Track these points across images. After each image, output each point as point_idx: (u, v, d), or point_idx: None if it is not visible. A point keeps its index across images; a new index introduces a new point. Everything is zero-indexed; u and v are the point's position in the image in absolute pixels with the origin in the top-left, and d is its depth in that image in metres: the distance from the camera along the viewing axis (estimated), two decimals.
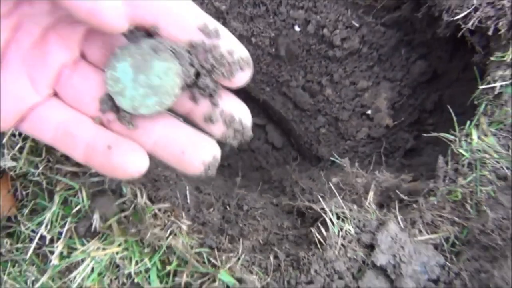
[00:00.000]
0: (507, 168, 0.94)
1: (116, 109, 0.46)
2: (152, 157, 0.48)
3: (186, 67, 0.44)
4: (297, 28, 1.43)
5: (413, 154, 1.50)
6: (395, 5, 1.31)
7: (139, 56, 0.43)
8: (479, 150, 0.98)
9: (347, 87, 1.50)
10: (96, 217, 0.94)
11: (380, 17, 1.37)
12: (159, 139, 0.46)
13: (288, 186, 1.34)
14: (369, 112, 1.49)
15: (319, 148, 1.57)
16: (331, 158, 1.23)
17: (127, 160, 0.44)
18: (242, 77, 0.46)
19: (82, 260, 0.95)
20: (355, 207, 0.98)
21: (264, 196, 1.27)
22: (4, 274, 0.98)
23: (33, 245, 0.96)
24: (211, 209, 1.07)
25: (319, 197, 1.00)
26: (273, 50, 1.47)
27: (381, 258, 0.87)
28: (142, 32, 0.45)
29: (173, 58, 0.43)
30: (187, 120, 0.51)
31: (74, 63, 0.46)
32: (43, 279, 0.96)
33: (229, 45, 0.45)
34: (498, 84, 0.96)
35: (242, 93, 1.70)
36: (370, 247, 0.91)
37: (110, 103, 0.46)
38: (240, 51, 0.45)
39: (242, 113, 0.48)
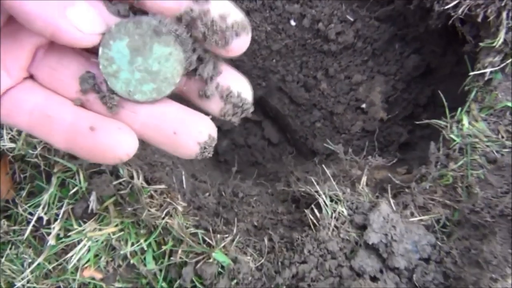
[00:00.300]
0: (497, 151, 0.96)
1: (99, 88, 0.42)
2: (142, 141, 0.44)
3: (189, 55, 0.41)
4: (292, 23, 1.46)
5: (407, 148, 1.52)
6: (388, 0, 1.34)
7: (137, 36, 0.39)
8: (470, 135, 1.00)
9: (342, 81, 1.52)
10: (93, 198, 0.95)
11: (374, 11, 1.40)
12: (147, 120, 0.42)
13: (283, 176, 1.35)
14: (363, 106, 1.51)
15: (314, 142, 1.58)
16: (325, 145, 1.24)
17: (114, 141, 0.40)
18: (239, 45, 0.41)
19: (78, 242, 0.96)
20: (348, 190, 1.00)
21: (259, 185, 1.29)
22: (1, 256, 0.99)
23: (30, 226, 0.97)
24: (207, 194, 1.08)
25: (313, 180, 1.01)
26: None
27: (373, 236, 0.88)
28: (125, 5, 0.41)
29: (176, 43, 0.40)
30: (179, 97, 0.47)
31: (49, 43, 0.42)
32: (39, 259, 0.97)
33: (221, 8, 0.40)
34: (488, 70, 0.98)
35: None
36: (363, 228, 0.93)
37: (91, 82, 0.42)
38: (235, 15, 0.40)
39: (240, 86, 0.43)
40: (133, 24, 0.39)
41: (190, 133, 0.41)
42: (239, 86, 0.43)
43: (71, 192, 0.97)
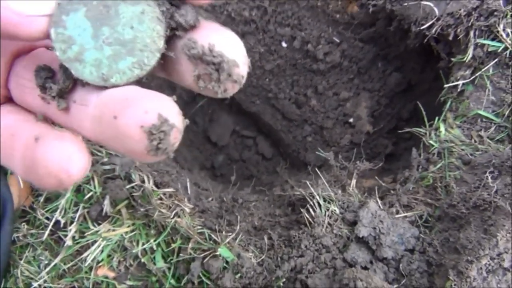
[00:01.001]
0: (471, 154, 1.08)
1: (56, 81, 0.33)
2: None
3: (167, 7, 0.31)
4: (284, 44, 1.59)
5: (393, 159, 1.63)
6: (370, 22, 1.48)
7: (95, 1, 0.30)
8: (447, 141, 1.12)
9: (330, 98, 1.64)
10: (106, 202, 1.04)
11: (358, 33, 1.53)
12: (95, 111, 0.31)
13: (278, 185, 1.45)
14: (351, 120, 1.63)
15: (306, 155, 1.69)
16: (317, 153, 1.35)
17: (53, 156, 0.30)
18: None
19: (93, 243, 1.04)
20: (339, 192, 1.10)
21: (257, 192, 1.38)
22: (20, 259, 1.06)
23: (49, 228, 1.05)
24: (210, 199, 1.17)
25: (308, 183, 1.11)
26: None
27: (363, 230, 0.98)
28: None
29: None
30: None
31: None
32: (56, 260, 1.04)
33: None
34: (460, 82, 1.11)
35: (234, 106, 1.82)
36: (353, 224, 1.03)
37: (44, 74, 0.33)
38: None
39: (224, 41, 0.30)
40: None
41: (132, 114, 0.28)
42: (222, 40, 0.30)
43: (86, 196, 1.05)
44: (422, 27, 1.17)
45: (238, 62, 0.30)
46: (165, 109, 0.28)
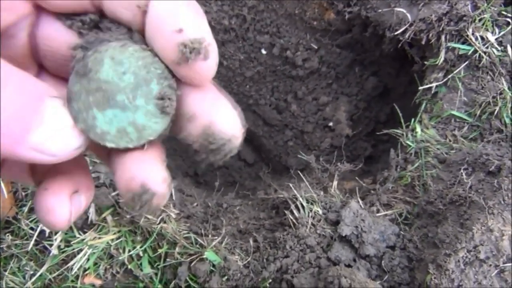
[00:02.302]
0: (446, 153, 1.12)
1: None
2: None
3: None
4: (263, 51, 1.62)
5: (372, 161, 1.68)
6: (347, 28, 1.52)
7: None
8: (423, 141, 1.16)
9: (310, 103, 1.68)
10: (92, 210, 1.04)
11: (335, 39, 1.57)
12: None
13: (262, 189, 1.47)
14: (330, 124, 1.67)
15: (288, 159, 1.72)
16: (299, 156, 1.38)
17: (46, 204, 0.32)
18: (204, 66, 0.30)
19: (78, 252, 1.04)
20: (322, 193, 1.13)
21: (241, 197, 1.40)
22: (5, 270, 1.05)
23: (33, 238, 1.04)
24: (195, 204, 1.19)
25: (291, 185, 1.14)
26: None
27: (345, 229, 1.01)
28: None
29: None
30: None
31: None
32: (42, 270, 1.04)
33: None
34: (434, 84, 1.16)
35: None
36: (336, 223, 1.05)
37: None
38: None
39: (223, 119, 0.31)
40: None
41: (119, 178, 0.30)
42: (214, 116, 0.30)
43: None
44: (396, 33, 1.22)
45: (235, 143, 0.32)
46: (150, 177, 0.30)
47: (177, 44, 0.28)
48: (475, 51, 1.11)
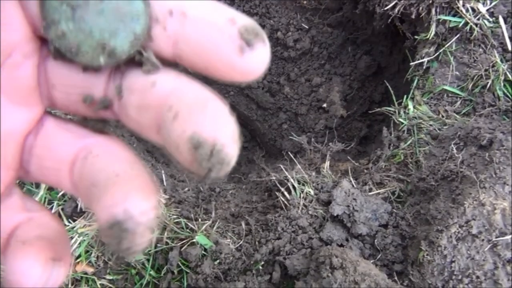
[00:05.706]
0: (439, 129, 1.10)
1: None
2: None
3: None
4: None
5: (367, 142, 1.66)
6: (337, 6, 1.49)
7: None
8: (415, 117, 1.14)
9: (303, 84, 1.65)
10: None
11: (326, 18, 1.55)
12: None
13: (255, 173, 1.46)
14: (324, 105, 1.65)
15: (282, 143, 1.70)
16: (292, 138, 1.36)
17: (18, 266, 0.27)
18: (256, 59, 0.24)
19: (70, 238, 1.04)
20: (313, 173, 1.12)
21: (234, 181, 1.39)
22: None
23: None
24: (186, 189, 1.18)
25: (282, 167, 1.12)
26: None
27: (337, 209, 0.99)
28: None
29: None
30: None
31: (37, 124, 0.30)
32: None
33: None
34: (425, 59, 1.13)
35: None
36: (328, 204, 1.04)
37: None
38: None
39: (217, 125, 0.24)
40: None
41: (102, 205, 0.25)
42: (208, 122, 0.24)
43: (60, 194, 1.04)
44: (386, 8, 1.19)
45: (232, 155, 0.24)
46: (135, 205, 0.24)
47: None
48: (466, 23, 1.08)
